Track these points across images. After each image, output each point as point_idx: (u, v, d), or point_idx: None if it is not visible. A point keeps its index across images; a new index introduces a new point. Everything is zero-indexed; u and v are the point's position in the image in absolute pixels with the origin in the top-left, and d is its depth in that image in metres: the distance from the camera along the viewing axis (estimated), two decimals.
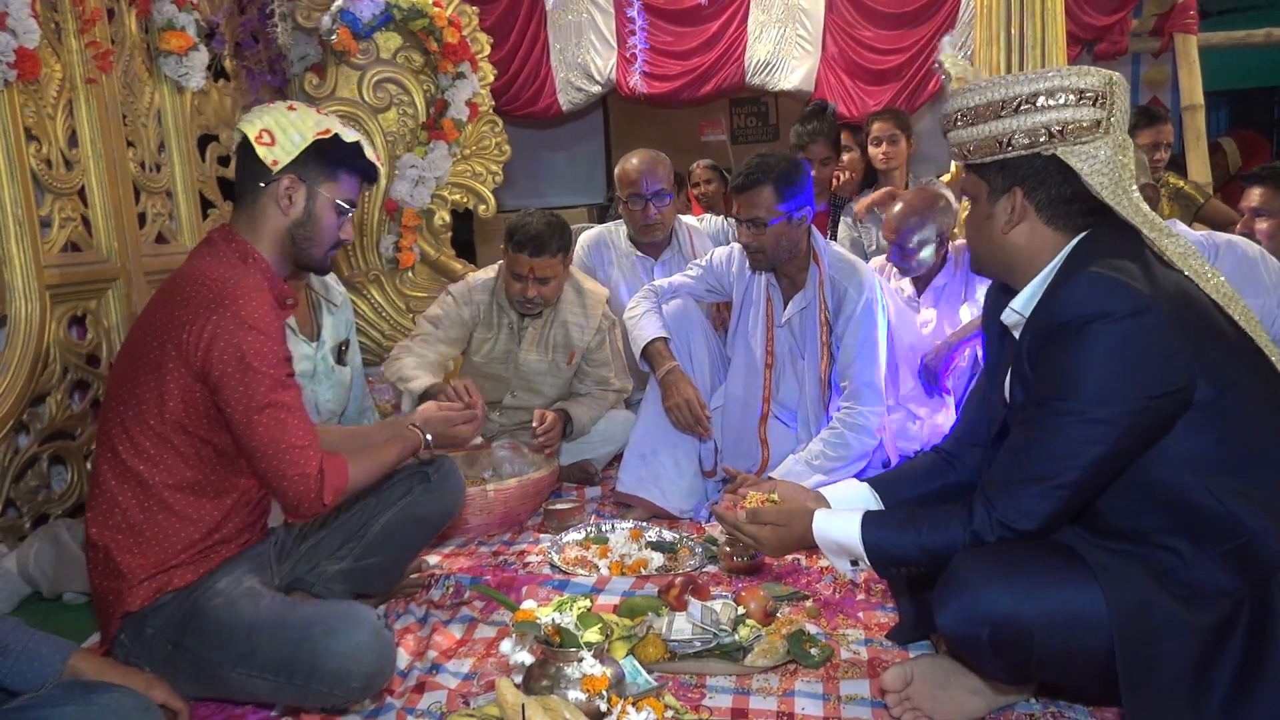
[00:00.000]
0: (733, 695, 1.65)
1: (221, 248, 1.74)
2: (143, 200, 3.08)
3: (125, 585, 1.63)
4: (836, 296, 2.56)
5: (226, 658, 1.60)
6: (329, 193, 1.78)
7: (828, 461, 2.45)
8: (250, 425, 1.60)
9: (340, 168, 1.78)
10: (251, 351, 1.59)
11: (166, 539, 1.65)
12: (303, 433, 1.64)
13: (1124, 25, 4.80)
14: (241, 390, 1.59)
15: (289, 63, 3.78)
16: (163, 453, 1.64)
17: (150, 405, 1.63)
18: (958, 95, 1.50)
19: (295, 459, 1.61)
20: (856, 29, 4.88)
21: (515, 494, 2.55)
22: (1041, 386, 1.41)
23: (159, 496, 1.64)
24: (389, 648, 1.62)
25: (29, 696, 1.30)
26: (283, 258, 1.80)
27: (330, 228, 1.80)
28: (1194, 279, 1.41)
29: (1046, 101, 1.39)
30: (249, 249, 1.75)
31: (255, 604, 1.64)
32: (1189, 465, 1.36)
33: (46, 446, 2.57)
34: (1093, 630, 1.33)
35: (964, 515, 1.46)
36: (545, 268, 2.76)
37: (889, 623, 1.89)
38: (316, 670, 1.54)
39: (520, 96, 5.24)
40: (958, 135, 1.50)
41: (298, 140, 1.72)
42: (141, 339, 1.68)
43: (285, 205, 1.75)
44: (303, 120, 1.74)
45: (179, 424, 1.63)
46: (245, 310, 1.61)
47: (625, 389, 3.10)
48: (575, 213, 5.79)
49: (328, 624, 1.57)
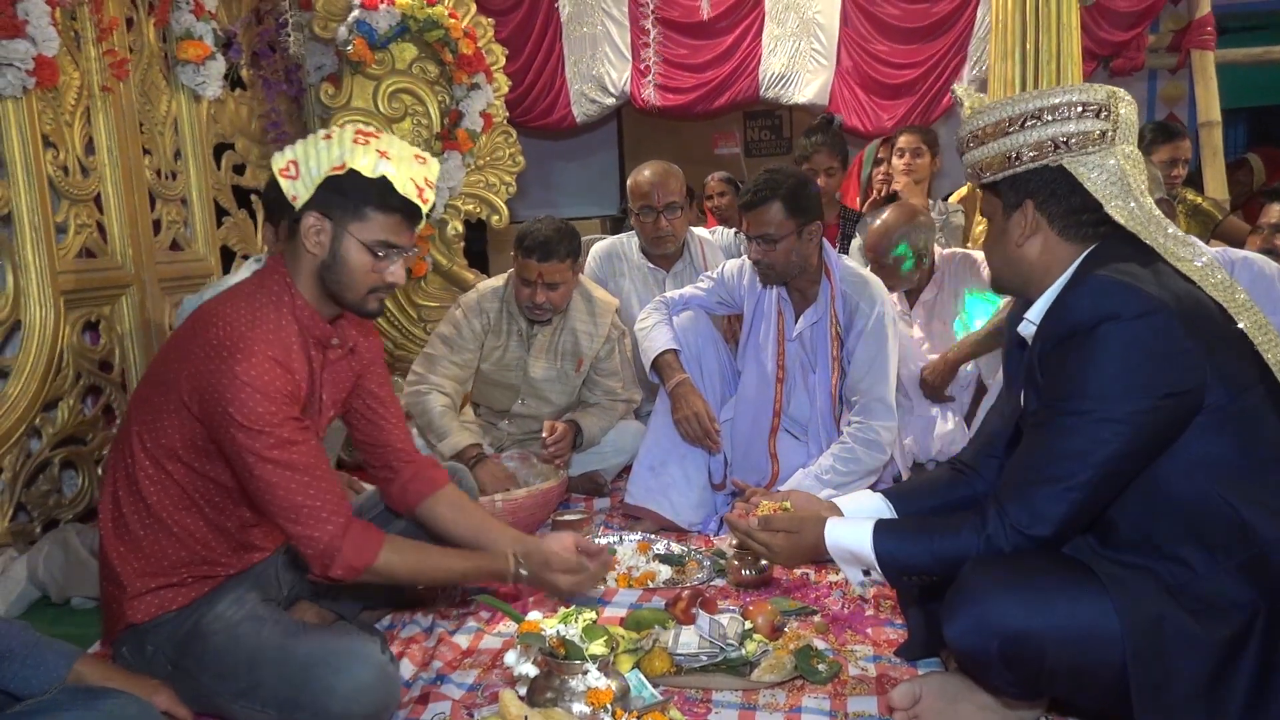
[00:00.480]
0: (738, 710, 1.63)
1: (268, 280, 1.66)
2: (158, 207, 3.11)
3: (125, 596, 1.63)
4: (848, 311, 2.55)
5: (228, 689, 1.59)
6: (358, 233, 1.61)
7: (838, 476, 2.43)
8: (251, 477, 1.56)
9: (366, 205, 1.60)
10: (243, 411, 1.52)
11: (165, 556, 1.64)
12: (312, 493, 1.57)
13: (1140, 41, 4.79)
14: (237, 444, 1.54)
15: (305, 72, 3.80)
16: (161, 475, 1.63)
17: (155, 428, 1.62)
18: (971, 119, 1.53)
19: (302, 518, 1.56)
20: (871, 43, 4.88)
21: (524, 505, 2.54)
22: (1052, 390, 1.41)
23: (158, 516, 1.63)
24: (394, 685, 1.61)
25: (33, 701, 1.30)
26: (322, 298, 1.68)
27: (360, 270, 1.63)
28: (1208, 290, 1.40)
29: (1052, 116, 1.43)
30: (289, 286, 1.66)
31: (258, 632, 1.62)
32: (1203, 472, 1.36)
33: (58, 451, 2.59)
34: (1105, 644, 1.32)
35: (977, 522, 1.45)
36: (554, 273, 2.76)
37: (898, 639, 1.87)
38: (321, 709, 1.53)
39: (535, 108, 5.25)
40: (972, 156, 1.53)
41: (315, 174, 1.58)
42: (163, 359, 1.67)
43: (313, 244, 1.62)
44: (328, 152, 1.59)
45: (175, 454, 1.61)
46: (243, 366, 1.53)
47: (634, 399, 3.10)
48: (589, 224, 5.80)
49: (333, 662, 1.55)
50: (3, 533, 2.39)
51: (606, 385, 3.03)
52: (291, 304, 1.66)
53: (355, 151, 1.58)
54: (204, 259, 3.34)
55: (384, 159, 1.58)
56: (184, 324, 1.69)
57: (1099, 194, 1.41)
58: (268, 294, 1.66)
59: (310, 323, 1.68)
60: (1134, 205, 1.42)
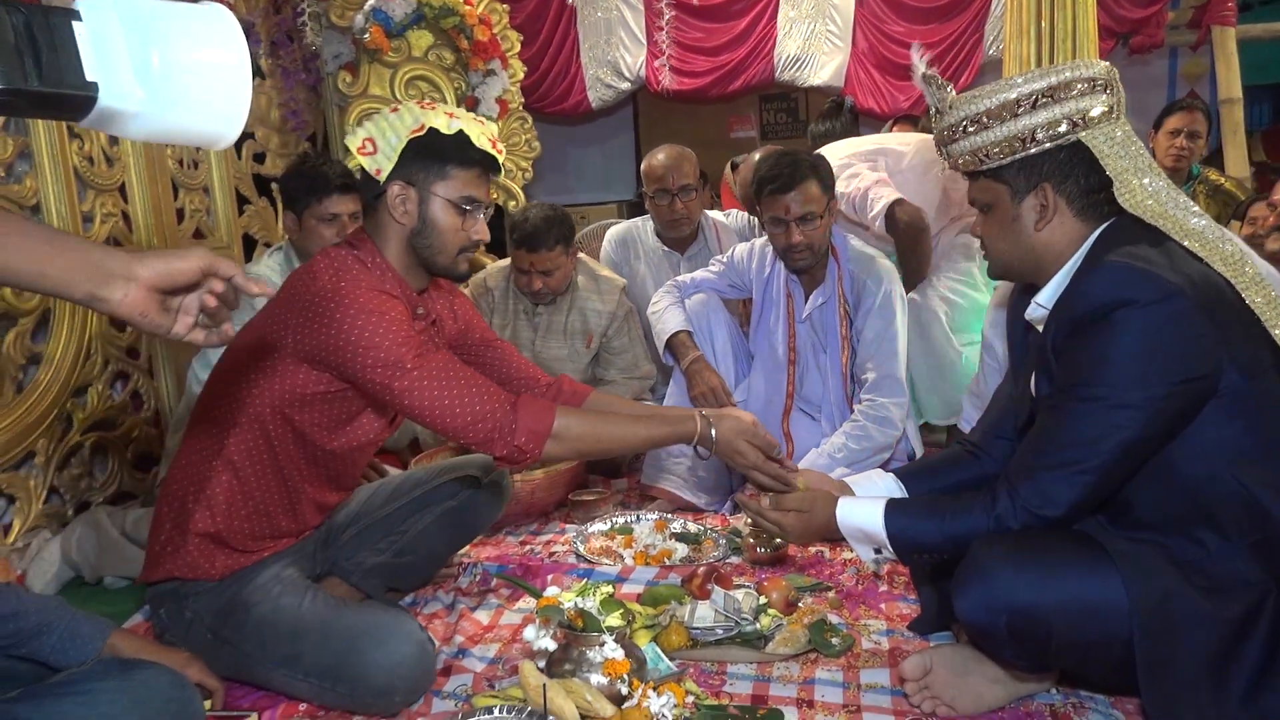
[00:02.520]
0: (753, 682, 1.66)
1: (352, 257, 1.69)
2: (181, 196, 3.16)
3: (183, 538, 1.66)
4: (856, 290, 2.57)
5: (270, 657, 1.63)
6: (443, 192, 1.67)
7: (851, 454, 2.45)
8: (404, 405, 1.59)
9: (449, 163, 1.66)
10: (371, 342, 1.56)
11: (233, 509, 1.67)
12: (467, 385, 1.60)
13: (1160, 18, 4.74)
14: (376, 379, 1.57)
15: (323, 61, 3.84)
16: (255, 431, 1.66)
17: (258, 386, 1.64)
18: (962, 104, 1.49)
19: (468, 409, 1.58)
20: (887, 24, 4.86)
21: (542, 485, 2.58)
22: (1068, 374, 1.41)
23: (238, 468, 1.67)
24: (431, 660, 1.65)
25: (71, 671, 1.34)
26: (412, 267, 1.73)
27: (451, 230, 1.69)
28: (1218, 266, 1.40)
29: (1064, 93, 1.41)
30: (376, 256, 1.70)
31: (299, 604, 1.66)
32: (1217, 454, 1.36)
33: (89, 436, 2.65)
34: (1113, 620, 1.33)
35: (988, 501, 1.47)
36: (546, 261, 2.80)
37: (911, 614, 1.89)
38: (362, 681, 1.57)
39: (551, 94, 5.28)
40: (970, 143, 1.49)
41: (395, 143, 1.62)
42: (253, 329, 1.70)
43: (400, 214, 1.67)
44: (401, 120, 1.64)
45: (278, 408, 1.64)
46: (354, 304, 1.58)
47: (651, 373, 3.13)
48: (605, 209, 5.81)
49: (375, 635, 1.59)
50: (37, 515, 2.45)
51: (624, 361, 3.07)
52: (384, 275, 1.69)
53: (428, 114, 1.64)
54: (227, 247, 3.39)
55: (454, 119, 1.65)
56: (269, 303, 1.71)
57: (1115, 169, 1.41)
58: (361, 265, 1.68)
59: (402, 290, 1.71)
60: (1149, 181, 1.43)
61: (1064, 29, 3.04)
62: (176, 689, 1.37)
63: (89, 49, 0.80)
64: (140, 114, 0.84)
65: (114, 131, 0.86)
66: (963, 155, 1.52)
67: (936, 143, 1.60)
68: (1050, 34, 3.05)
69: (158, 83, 0.84)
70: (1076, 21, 3.08)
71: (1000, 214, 1.53)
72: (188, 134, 0.93)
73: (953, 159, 1.55)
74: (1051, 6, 3.05)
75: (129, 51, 0.82)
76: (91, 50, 0.80)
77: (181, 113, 0.88)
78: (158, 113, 0.85)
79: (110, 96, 0.81)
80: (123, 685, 1.31)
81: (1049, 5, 3.05)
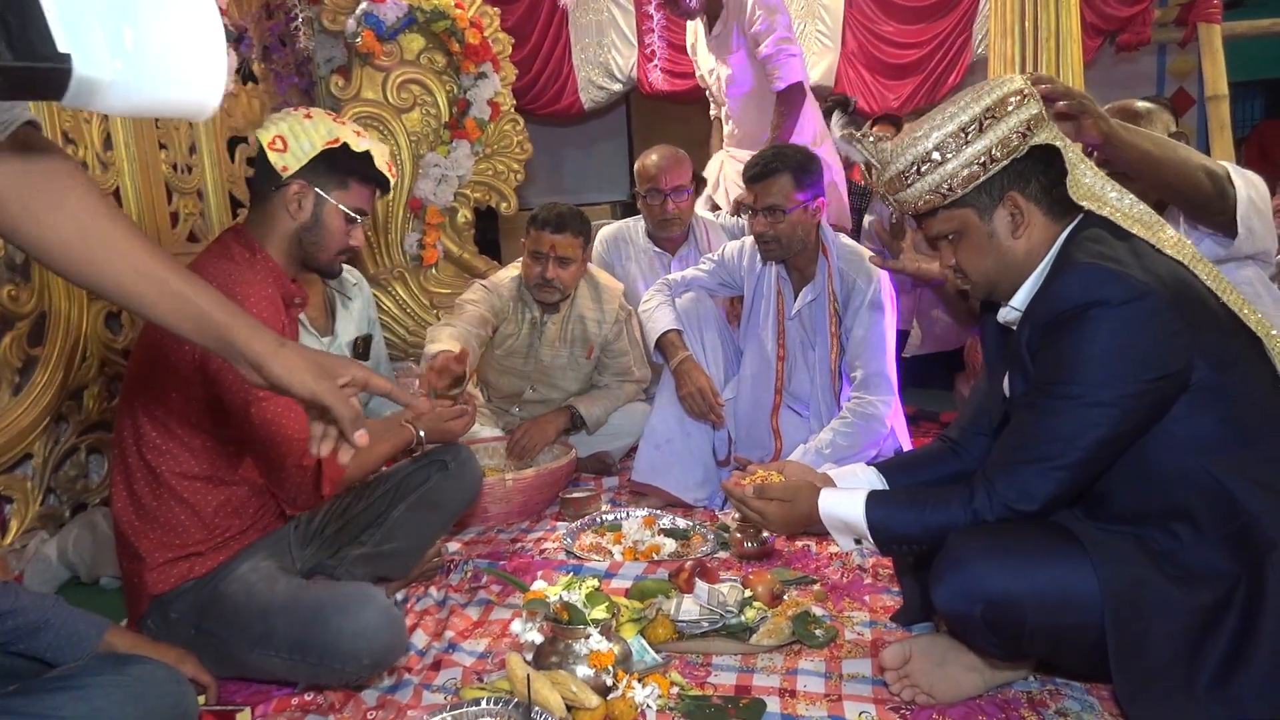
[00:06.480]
0: (737, 673, 1.69)
1: (231, 246, 1.79)
2: (175, 200, 3.19)
3: (145, 568, 1.72)
4: (845, 287, 2.60)
5: (245, 639, 1.67)
6: (340, 201, 1.81)
7: (839, 450, 2.48)
8: (247, 417, 1.66)
9: (351, 177, 1.81)
10: None
11: (180, 525, 1.72)
12: (301, 425, 1.67)
13: (1147, 15, 4.78)
14: (236, 384, 1.63)
15: (315, 65, 3.87)
16: (168, 443, 1.70)
17: (155, 397, 1.70)
18: (903, 149, 1.49)
19: (292, 450, 1.67)
20: (877, 23, 4.90)
21: (533, 483, 2.61)
22: (1043, 373, 1.44)
23: (169, 485, 1.71)
24: (399, 626, 1.67)
25: (68, 667, 1.37)
26: (290, 259, 1.84)
27: (337, 234, 1.83)
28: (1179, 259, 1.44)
29: (1002, 110, 1.44)
30: (257, 248, 1.79)
31: (271, 587, 1.70)
32: (1190, 447, 1.39)
33: (84, 438, 2.68)
34: (1085, 607, 1.35)
35: (966, 495, 1.49)
36: (566, 246, 2.82)
37: (894, 606, 1.92)
38: (330, 649, 1.60)
39: (543, 96, 5.31)
40: (927, 182, 1.48)
41: (307, 148, 1.75)
42: (149, 331, 1.76)
43: (294, 210, 1.79)
44: (315, 129, 1.77)
45: (180, 415, 1.69)
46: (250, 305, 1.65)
47: (645, 378, 3.16)
48: (599, 209, 5.84)
49: (339, 603, 1.63)
50: (34, 516, 2.48)
51: (618, 365, 3.10)
52: (264, 265, 1.78)
53: (340, 129, 1.79)
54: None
55: (362, 138, 1.81)
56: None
57: (1071, 159, 1.46)
58: (241, 253, 1.77)
59: (280, 280, 1.81)
60: (1084, 168, 1.48)
61: (1047, 28, 3.08)
62: (171, 683, 1.39)
63: (57, 22, 0.81)
64: (118, 82, 0.86)
65: (96, 107, 0.86)
66: (922, 196, 1.50)
67: (883, 195, 1.59)
68: (1035, 33, 3.09)
69: (133, 54, 0.86)
70: (1060, 21, 3.11)
71: (974, 236, 1.53)
72: (168, 105, 0.94)
73: (908, 204, 1.54)
74: (1035, 6, 3.08)
75: (99, 23, 0.84)
76: (60, 24, 0.81)
77: (160, 82, 0.90)
78: (135, 81, 0.87)
79: (86, 65, 0.83)
80: (118, 680, 1.33)
81: (1032, 5, 3.08)
